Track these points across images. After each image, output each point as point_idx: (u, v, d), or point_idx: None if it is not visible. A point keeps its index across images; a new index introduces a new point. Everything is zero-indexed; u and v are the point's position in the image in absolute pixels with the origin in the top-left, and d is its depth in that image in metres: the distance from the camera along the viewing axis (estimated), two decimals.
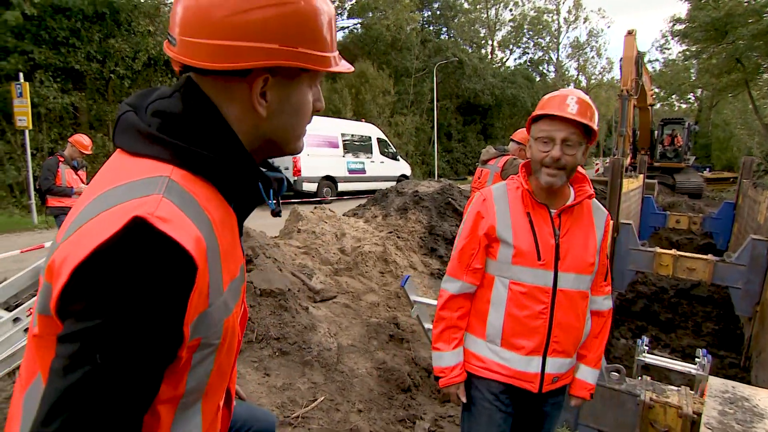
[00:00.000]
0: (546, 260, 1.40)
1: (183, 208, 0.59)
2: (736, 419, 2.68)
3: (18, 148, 10.35)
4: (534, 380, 1.44)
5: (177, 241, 0.55)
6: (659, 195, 13.40)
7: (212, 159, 0.65)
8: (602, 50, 58.63)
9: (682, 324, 8.05)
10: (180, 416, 0.67)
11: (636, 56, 11.88)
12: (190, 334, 0.59)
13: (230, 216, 0.71)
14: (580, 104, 1.35)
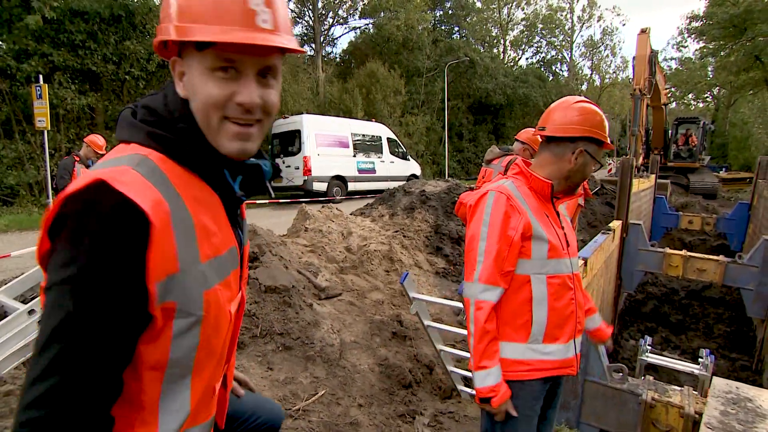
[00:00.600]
0: (566, 249, 1.51)
1: (149, 178, 0.66)
2: (737, 419, 2.67)
3: (37, 149, 10.64)
4: (573, 363, 1.51)
5: (130, 198, 0.62)
6: (672, 195, 13.21)
7: (178, 142, 0.72)
8: (617, 49, 57.68)
9: (693, 326, 7.95)
10: (167, 388, 0.73)
11: (650, 55, 11.74)
12: (158, 294, 0.66)
13: (212, 198, 0.77)
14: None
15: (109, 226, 0.61)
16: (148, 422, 0.73)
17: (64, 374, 0.60)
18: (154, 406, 0.73)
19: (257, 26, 0.67)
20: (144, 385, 0.71)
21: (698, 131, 16.42)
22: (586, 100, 1.51)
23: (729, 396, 2.97)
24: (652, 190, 10.28)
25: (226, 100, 0.71)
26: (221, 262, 0.78)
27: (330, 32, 29.22)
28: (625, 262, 7.04)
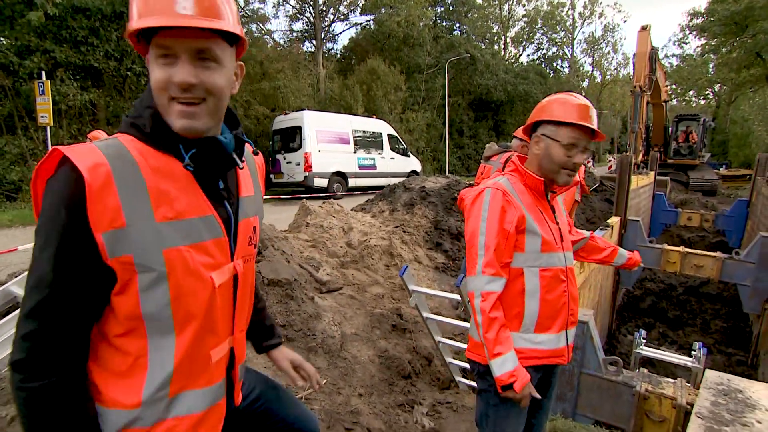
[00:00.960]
0: (560, 243, 1.57)
1: (103, 150, 0.79)
2: (727, 409, 2.74)
3: (40, 144, 10.70)
4: (564, 353, 1.57)
5: (71, 162, 0.75)
6: (672, 192, 13.27)
7: (139, 124, 0.85)
8: (618, 45, 57.56)
9: (690, 321, 8.04)
10: (152, 343, 0.85)
11: (650, 52, 11.75)
12: (108, 245, 0.77)
13: (177, 168, 0.86)
14: (594, 115, 1.51)
15: (56, 184, 0.77)
16: (135, 371, 0.85)
17: (39, 314, 0.76)
18: (141, 356, 0.84)
19: (176, 12, 0.78)
20: (128, 336, 0.84)
21: (698, 128, 16.45)
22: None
23: (720, 387, 3.04)
24: (651, 186, 10.34)
25: (167, 82, 0.81)
26: (187, 226, 0.85)
27: (331, 28, 29.19)
28: None
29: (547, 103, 1.54)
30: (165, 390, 0.86)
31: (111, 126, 12.67)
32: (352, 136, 14.63)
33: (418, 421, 2.81)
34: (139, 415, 0.84)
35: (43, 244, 0.77)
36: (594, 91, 45.82)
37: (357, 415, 2.59)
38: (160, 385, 0.85)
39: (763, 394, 2.81)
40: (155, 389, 0.85)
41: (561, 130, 1.47)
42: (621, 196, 6.77)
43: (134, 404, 0.84)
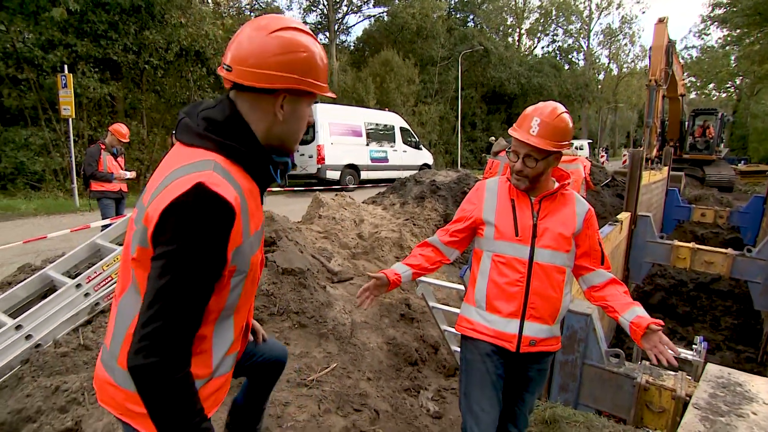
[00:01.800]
0: (523, 237, 1.67)
1: (226, 178, 0.95)
2: (725, 401, 2.82)
3: (62, 136, 11.03)
4: (512, 340, 1.67)
5: (223, 197, 0.90)
6: (686, 188, 13.12)
7: (239, 149, 1.01)
8: (636, 37, 56.16)
9: (700, 318, 8.03)
10: (219, 326, 1.06)
11: (666, 45, 11.58)
12: (231, 260, 0.97)
13: (254, 188, 1.06)
14: (543, 126, 1.61)
15: (209, 214, 0.90)
16: (207, 349, 1.05)
17: (170, 316, 0.89)
18: (211, 337, 1.05)
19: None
20: (206, 324, 1.02)
21: (716, 123, 16.16)
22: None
23: (720, 381, 3.12)
24: (664, 182, 10.26)
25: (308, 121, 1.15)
26: (258, 234, 1.09)
27: (344, 20, 29.17)
28: (633, 253, 7.13)
29: (522, 113, 1.76)
30: (223, 358, 1.09)
31: (129, 118, 12.98)
32: (365, 128, 14.73)
33: (423, 405, 2.95)
34: (208, 378, 1.06)
35: (189, 260, 0.89)
36: (610, 84, 45.02)
37: (365, 398, 2.74)
38: (222, 355, 1.08)
39: (762, 387, 2.88)
40: (220, 359, 1.08)
41: (512, 139, 1.72)
42: (632, 192, 6.77)
43: (207, 374, 1.05)
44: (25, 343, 2.20)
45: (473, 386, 1.72)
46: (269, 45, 1.00)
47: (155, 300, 0.88)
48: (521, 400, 1.82)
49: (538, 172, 1.65)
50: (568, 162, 3.51)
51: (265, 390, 1.63)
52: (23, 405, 1.95)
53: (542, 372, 1.81)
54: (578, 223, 1.71)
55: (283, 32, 1.02)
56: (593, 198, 8.90)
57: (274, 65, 0.99)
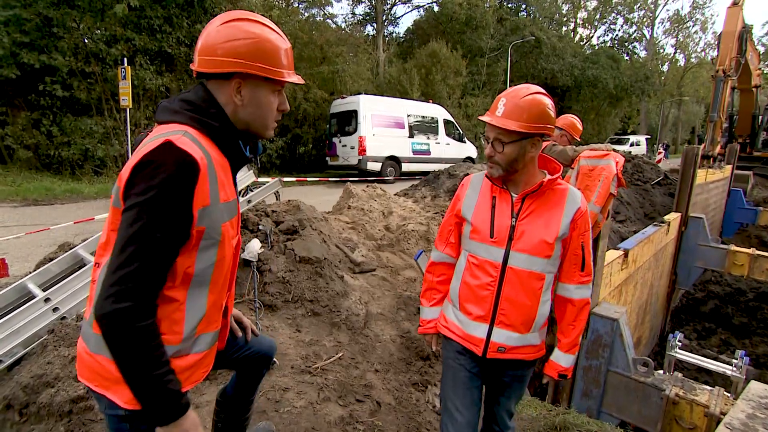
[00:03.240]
0: (498, 239, 1.55)
1: (195, 143, 1.03)
2: (764, 424, 2.58)
3: (121, 124, 11.81)
4: (479, 344, 1.59)
5: (189, 152, 0.99)
6: (754, 188, 12.00)
7: (210, 123, 1.10)
8: (708, 24, 51.48)
9: (760, 330, 7.35)
10: (192, 293, 1.11)
11: (740, 31, 10.61)
12: (197, 219, 1.02)
13: (225, 162, 1.13)
14: (509, 106, 1.49)
15: (175, 168, 0.96)
16: (178, 317, 1.09)
17: (140, 262, 0.95)
18: (183, 303, 1.09)
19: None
20: (178, 286, 1.08)
21: None
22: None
23: (764, 401, 2.85)
24: (726, 181, 9.45)
25: (278, 107, 1.20)
26: (230, 206, 1.14)
27: (392, 11, 29.02)
28: (681, 257, 6.64)
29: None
30: (194, 330, 1.13)
31: None
32: (408, 120, 14.64)
33: (429, 401, 2.91)
34: (179, 348, 1.10)
35: (158, 209, 0.96)
36: (675, 76, 41.82)
37: (369, 389, 2.75)
38: (194, 326, 1.12)
39: None
40: (191, 329, 1.12)
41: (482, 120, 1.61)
42: (683, 191, 6.31)
43: (177, 341, 1.09)
44: (52, 315, 2.39)
45: (447, 384, 1.69)
46: (218, 34, 1.09)
47: (125, 246, 0.94)
48: (497, 403, 1.75)
49: (509, 157, 1.51)
50: (599, 157, 3.29)
51: (253, 383, 1.66)
52: (44, 371, 2.12)
53: (519, 379, 1.69)
54: (564, 226, 1.53)
55: (232, 23, 1.10)
56: (642, 196, 8.35)
57: (221, 52, 1.08)
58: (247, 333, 1.56)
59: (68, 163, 11.59)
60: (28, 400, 2.07)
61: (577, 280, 1.61)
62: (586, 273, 1.61)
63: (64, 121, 11.35)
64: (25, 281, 2.60)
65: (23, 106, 11.24)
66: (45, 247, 5.57)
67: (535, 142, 1.52)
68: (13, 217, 7.50)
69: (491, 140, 1.54)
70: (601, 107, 31.82)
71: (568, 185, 1.63)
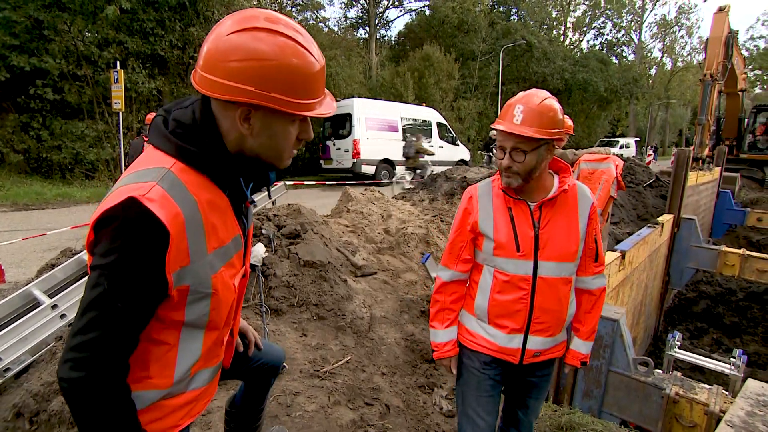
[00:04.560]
0: (525, 251, 1.51)
1: (170, 192, 0.84)
2: (763, 421, 2.63)
3: (113, 128, 11.72)
4: (515, 354, 1.59)
5: (155, 215, 0.80)
6: (741, 190, 12.24)
7: (199, 155, 0.90)
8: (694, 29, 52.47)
9: (750, 329, 7.50)
10: (185, 337, 0.98)
11: (726, 36, 10.83)
12: (174, 281, 0.87)
13: (221, 199, 0.95)
14: (527, 113, 1.44)
15: (137, 232, 0.80)
16: (169, 360, 0.97)
17: (99, 331, 0.81)
18: (174, 349, 0.97)
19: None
20: (167, 334, 0.96)
21: None
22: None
23: (761, 398, 2.91)
24: (715, 183, 9.64)
25: (300, 136, 0.99)
26: (225, 250, 0.97)
27: (385, 15, 29.15)
28: (674, 257, 6.76)
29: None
30: (189, 371, 1.01)
31: None
32: (401, 123, 14.71)
33: (436, 403, 2.94)
34: (170, 390, 0.99)
35: (118, 277, 0.81)
36: (662, 79, 42.51)
37: (377, 392, 2.76)
38: (187, 367, 1.00)
39: None
40: (184, 371, 1.00)
41: (496, 130, 1.53)
42: (675, 193, 6.42)
43: (167, 384, 0.98)
44: (59, 322, 2.37)
45: (470, 392, 1.67)
46: (226, 46, 0.84)
47: (85, 311, 0.82)
48: (525, 407, 1.75)
49: (529, 167, 1.47)
50: (599, 160, 3.36)
51: (261, 392, 1.61)
52: (54, 378, 2.10)
53: (546, 377, 1.73)
54: (582, 225, 1.55)
55: (247, 32, 0.84)
56: (635, 198, 8.48)
57: (226, 73, 0.84)
58: (250, 348, 1.47)
59: (58, 167, 11.46)
60: (39, 408, 2.05)
61: (593, 271, 1.64)
62: (599, 263, 1.65)
63: (54, 125, 11.23)
64: (30, 288, 2.58)
65: (12, 109, 11.10)
66: (39, 252, 5.51)
67: (550, 147, 1.50)
68: (4, 222, 7.41)
69: (509, 150, 1.48)
70: (591, 110, 32.25)
71: (576, 182, 1.65)
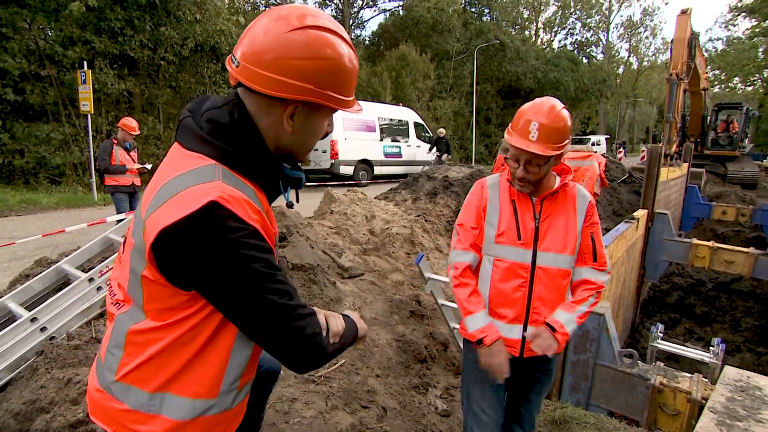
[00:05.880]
0: (525, 240, 1.60)
1: (235, 186, 0.84)
2: (743, 405, 2.75)
3: (81, 131, 11.26)
4: (515, 345, 1.63)
5: (238, 215, 0.80)
6: (707, 185, 12.79)
7: (243, 157, 0.88)
8: (658, 30, 54.63)
9: (719, 318, 7.84)
10: (238, 343, 0.94)
11: (689, 37, 11.27)
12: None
13: (265, 200, 0.95)
14: (543, 130, 1.49)
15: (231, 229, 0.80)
16: (219, 367, 0.93)
17: (281, 326, 0.86)
18: (227, 355, 0.93)
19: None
20: (224, 334, 0.92)
21: (740, 117, 15.66)
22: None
23: (738, 384, 3.03)
24: (684, 179, 10.02)
25: (324, 133, 1.01)
26: (276, 243, 0.98)
27: (359, 15, 29.09)
28: (649, 251, 6.99)
29: (517, 112, 1.61)
30: (237, 381, 0.98)
31: (146, 113, 13.18)
32: (379, 124, 14.70)
33: (431, 403, 2.94)
34: (214, 403, 0.95)
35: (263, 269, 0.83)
36: (629, 78, 44.00)
37: (373, 394, 2.74)
38: (235, 377, 0.96)
39: None
40: (231, 381, 0.96)
41: (510, 144, 1.58)
42: (649, 189, 6.63)
43: (212, 395, 0.94)
44: (39, 335, 2.25)
45: (474, 387, 1.70)
46: (287, 45, 0.84)
47: (258, 329, 0.86)
48: (527, 401, 1.78)
49: (541, 175, 1.57)
50: (582, 158, 3.44)
51: (261, 400, 1.56)
52: (37, 396, 1.99)
53: (548, 372, 1.76)
54: (580, 221, 1.62)
55: (308, 31, 0.85)
56: (609, 194, 8.74)
57: (288, 71, 0.84)
58: None
59: (21, 171, 10.94)
60: (21, 428, 1.94)
61: (593, 266, 1.66)
62: (599, 264, 1.65)
63: (15, 127, 10.71)
64: (5, 300, 2.44)
65: None
66: (5, 262, 5.23)
67: (560, 156, 1.58)
68: None
69: (523, 162, 1.53)
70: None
71: (574, 183, 1.71)
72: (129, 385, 0.91)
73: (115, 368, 0.92)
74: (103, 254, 2.83)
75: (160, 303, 0.87)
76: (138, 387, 0.90)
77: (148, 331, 0.88)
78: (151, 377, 0.90)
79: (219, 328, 0.90)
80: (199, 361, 0.91)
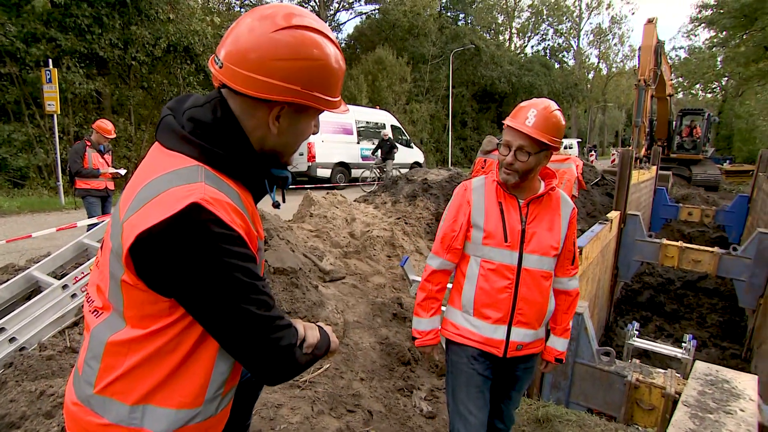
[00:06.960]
0: (512, 242, 1.63)
1: (218, 188, 0.81)
2: (713, 398, 2.85)
3: (46, 132, 10.80)
4: (499, 346, 1.66)
5: (221, 219, 0.77)
6: (674, 187, 13.30)
7: (228, 158, 0.86)
8: (625, 37, 56.74)
9: (687, 315, 8.15)
10: (221, 353, 0.91)
11: (655, 45, 11.72)
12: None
13: (250, 201, 0.92)
14: (539, 117, 1.55)
15: (214, 233, 0.77)
16: (204, 374, 0.90)
17: (257, 337, 0.85)
18: (212, 360, 0.90)
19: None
20: (210, 341, 0.89)
21: (702, 123, 16.41)
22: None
23: (708, 378, 3.15)
24: (653, 181, 10.39)
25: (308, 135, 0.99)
26: (258, 251, 0.93)
27: (335, 18, 29.02)
28: (622, 252, 7.20)
29: (517, 106, 1.69)
30: (222, 388, 0.94)
31: (116, 114, 12.76)
32: (356, 126, 14.68)
33: (416, 405, 2.94)
34: (198, 411, 0.91)
35: (244, 279, 0.81)
36: (599, 84, 45.45)
37: (358, 398, 2.72)
38: (220, 384, 0.93)
39: (749, 384, 2.92)
40: (216, 388, 0.93)
41: (503, 132, 1.66)
42: (621, 191, 6.83)
43: (197, 403, 0.90)
44: (8, 347, 2.13)
45: (460, 388, 1.71)
46: (273, 45, 0.81)
47: (234, 340, 0.84)
48: (508, 398, 1.83)
49: (529, 167, 1.58)
50: (560, 161, 3.52)
51: (247, 406, 1.53)
52: (6, 411, 1.89)
53: (529, 370, 1.81)
54: (563, 226, 1.69)
55: (294, 31, 0.82)
56: (583, 197, 8.98)
57: (274, 72, 0.82)
58: None
59: None
60: None
61: (569, 273, 1.79)
62: (575, 266, 1.81)
63: None
64: None
65: None
66: None
67: (548, 154, 1.63)
68: None
69: (514, 148, 1.57)
70: None
71: (559, 190, 1.78)
72: (109, 398, 0.86)
73: (93, 380, 0.87)
74: (77, 260, 2.71)
75: (140, 309, 0.83)
76: (118, 400, 0.86)
77: (129, 341, 0.84)
78: (132, 389, 0.85)
79: (203, 337, 0.87)
80: (182, 370, 0.87)
